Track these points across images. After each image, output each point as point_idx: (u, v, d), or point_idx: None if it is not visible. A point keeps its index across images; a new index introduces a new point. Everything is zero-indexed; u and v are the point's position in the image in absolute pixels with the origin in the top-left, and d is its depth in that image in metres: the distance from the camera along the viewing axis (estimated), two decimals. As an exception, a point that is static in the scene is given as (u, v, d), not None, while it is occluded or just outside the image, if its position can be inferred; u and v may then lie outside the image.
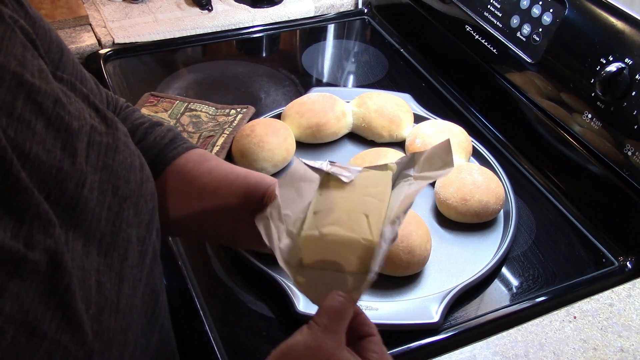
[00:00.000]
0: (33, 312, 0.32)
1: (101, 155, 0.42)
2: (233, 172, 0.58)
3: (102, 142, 0.42)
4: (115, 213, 0.41)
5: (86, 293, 0.36)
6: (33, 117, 0.37)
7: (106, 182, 0.41)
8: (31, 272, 0.33)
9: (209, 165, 0.58)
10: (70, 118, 0.40)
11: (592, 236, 0.82)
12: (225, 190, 0.56)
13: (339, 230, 0.45)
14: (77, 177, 0.38)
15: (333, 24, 1.28)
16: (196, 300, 0.68)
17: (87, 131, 0.41)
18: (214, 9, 1.22)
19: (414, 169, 0.49)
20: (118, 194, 0.42)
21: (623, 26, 0.76)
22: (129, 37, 1.12)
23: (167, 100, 0.98)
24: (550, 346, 0.64)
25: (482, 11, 0.98)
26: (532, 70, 0.90)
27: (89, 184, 0.39)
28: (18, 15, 0.42)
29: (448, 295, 0.69)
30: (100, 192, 0.40)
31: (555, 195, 0.88)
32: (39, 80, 0.39)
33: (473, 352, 0.63)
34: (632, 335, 0.65)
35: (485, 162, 0.90)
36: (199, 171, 0.57)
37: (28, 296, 0.32)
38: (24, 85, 0.38)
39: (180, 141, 0.60)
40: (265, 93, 1.05)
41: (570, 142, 0.86)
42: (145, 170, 0.47)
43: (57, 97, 0.40)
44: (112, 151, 0.43)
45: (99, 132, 0.43)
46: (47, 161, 0.37)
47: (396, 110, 0.93)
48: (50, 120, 0.38)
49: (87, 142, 0.41)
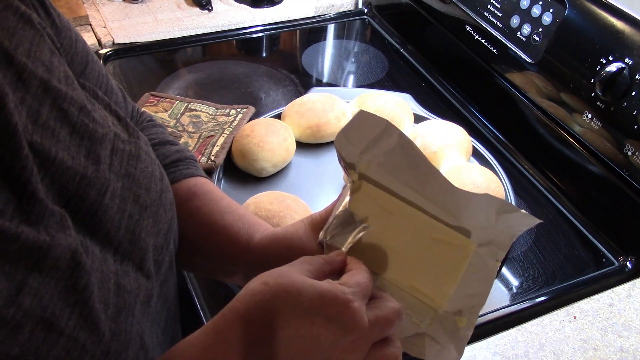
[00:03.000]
0: (52, 308, 0.32)
1: (124, 162, 0.42)
2: (212, 223, 0.52)
3: (125, 150, 0.42)
4: (135, 221, 0.41)
5: (105, 294, 0.36)
6: (58, 123, 0.37)
7: (128, 190, 0.41)
8: (51, 268, 0.33)
9: (190, 207, 0.54)
10: (94, 125, 0.40)
11: (592, 236, 0.82)
12: (207, 241, 0.53)
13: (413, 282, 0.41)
14: (99, 184, 0.39)
15: (333, 24, 1.28)
16: (196, 300, 0.68)
17: (111, 138, 0.41)
18: (214, 9, 1.22)
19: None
20: (139, 202, 0.42)
21: (623, 26, 0.76)
22: (129, 37, 1.12)
23: (167, 100, 0.98)
24: (550, 346, 0.64)
25: (482, 11, 0.98)
26: (532, 70, 0.90)
27: (110, 191, 0.39)
28: (45, 23, 0.43)
29: (448, 295, 0.69)
30: (122, 200, 0.40)
31: (555, 195, 0.88)
32: (66, 86, 0.39)
33: (473, 352, 0.63)
34: (632, 335, 0.65)
35: (485, 162, 0.90)
36: (181, 211, 0.52)
37: (47, 292, 0.32)
38: (51, 91, 0.38)
39: (183, 166, 0.57)
40: (265, 93, 1.05)
41: (570, 142, 0.86)
42: (165, 180, 0.47)
43: (82, 104, 0.40)
44: (134, 159, 0.43)
45: (122, 140, 0.42)
46: (72, 167, 0.37)
47: (396, 110, 0.93)
48: (75, 127, 0.39)
49: (111, 149, 0.41)
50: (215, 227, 0.52)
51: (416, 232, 0.42)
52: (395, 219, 0.42)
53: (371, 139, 0.41)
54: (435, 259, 0.42)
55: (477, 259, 0.42)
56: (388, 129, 0.41)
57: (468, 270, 0.42)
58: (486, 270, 0.42)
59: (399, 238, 0.42)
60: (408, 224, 0.42)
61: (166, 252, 0.45)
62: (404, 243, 0.42)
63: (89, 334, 0.33)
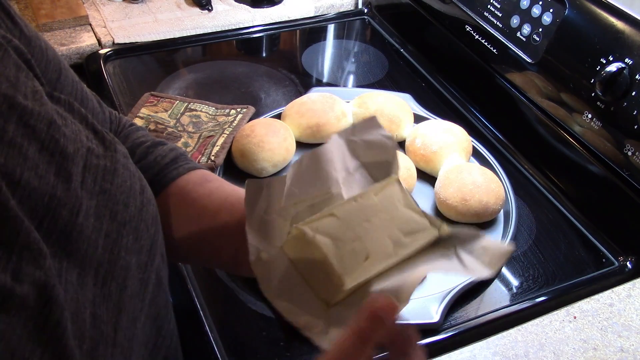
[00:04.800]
0: (20, 351, 0.30)
1: (98, 179, 0.40)
2: (234, 194, 0.54)
3: (100, 165, 0.40)
4: (113, 240, 0.39)
5: (80, 327, 0.34)
6: (25, 141, 0.36)
7: (103, 207, 0.39)
8: (19, 307, 0.30)
9: (209, 187, 0.55)
10: (65, 141, 0.38)
11: (592, 236, 0.82)
12: (225, 213, 0.53)
13: (329, 250, 0.39)
14: (71, 203, 0.37)
15: (333, 24, 1.28)
16: (196, 300, 0.68)
17: (84, 154, 0.39)
18: (214, 9, 1.22)
19: (461, 246, 0.41)
20: (117, 219, 0.40)
21: (623, 26, 0.76)
22: (129, 37, 1.12)
23: (167, 100, 0.98)
24: (550, 346, 0.64)
25: (482, 11, 0.98)
26: (532, 70, 0.90)
27: (84, 210, 0.37)
28: (12, 35, 0.41)
29: (448, 295, 0.69)
30: (97, 219, 0.38)
31: (555, 195, 0.88)
32: (32, 102, 0.38)
33: (473, 352, 0.63)
34: (632, 335, 0.65)
35: (485, 162, 0.90)
36: (198, 193, 0.54)
37: (15, 333, 0.30)
38: (16, 108, 0.36)
39: (182, 161, 0.57)
40: (265, 93, 1.05)
41: (570, 142, 0.86)
42: (147, 193, 0.45)
43: (51, 120, 0.38)
44: (110, 174, 0.41)
45: (97, 155, 0.41)
46: (39, 187, 0.35)
47: (396, 110, 0.93)
48: (43, 144, 0.37)
49: (83, 165, 0.39)
50: (241, 194, 0.53)
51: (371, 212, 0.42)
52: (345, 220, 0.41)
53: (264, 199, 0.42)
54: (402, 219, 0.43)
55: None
56: (270, 184, 0.42)
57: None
58: None
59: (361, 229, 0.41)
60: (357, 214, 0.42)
61: (151, 269, 0.43)
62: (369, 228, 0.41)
63: None
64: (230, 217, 0.52)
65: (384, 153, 0.45)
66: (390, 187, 0.44)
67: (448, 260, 0.40)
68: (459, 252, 0.41)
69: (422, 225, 0.43)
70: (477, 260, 0.40)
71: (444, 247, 0.42)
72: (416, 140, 0.89)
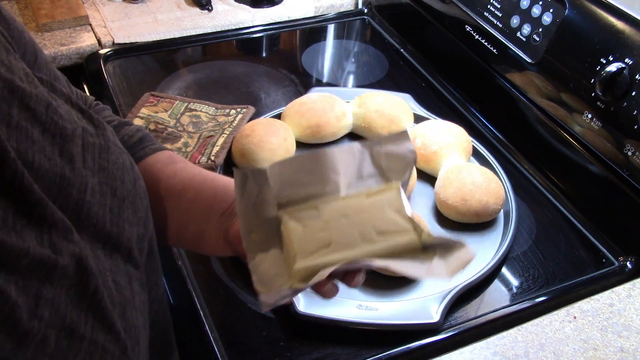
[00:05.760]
0: (70, 316, 0.33)
1: (96, 157, 0.41)
2: (200, 175, 0.56)
3: (96, 144, 0.42)
4: (117, 214, 0.41)
5: (109, 293, 0.37)
6: (29, 124, 0.37)
7: (104, 184, 0.41)
8: (61, 277, 0.33)
9: (175, 168, 0.56)
10: (63, 122, 0.40)
11: (592, 236, 0.82)
12: (191, 193, 0.54)
13: (295, 234, 0.43)
14: (78, 182, 0.38)
15: (333, 24, 1.28)
16: (196, 300, 0.68)
17: (80, 134, 0.41)
18: (214, 9, 1.22)
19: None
20: (117, 195, 0.42)
21: (623, 26, 0.76)
22: (129, 37, 1.12)
23: (167, 100, 0.98)
24: (550, 346, 0.64)
25: (482, 11, 0.98)
26: (532, 70, 0.90)
27: (90, 188, 0.39)
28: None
29: (448, 295, 0.69)
30: (101, 195, 0.40)
31: (555, 195, 0.88)
32: (28, 84, 0.39)
33: (473, 352, 0.63)
34: (632, 335, 0.65)
35: (485, 162, 0.90)
36: (165, 173, 0.56)
37: (62, 301, 0.32)
38: (16, 91, 0.37)
39: (149, 142, 0.58)
40: (265, 93, 1.05)
41: (570, 142, 0.86)
42: (135, 169, 0.47)
43: (48, 101, 0.39)
44: (105, 152, 0.42)
45: (90, 134, 0.42)
46: (50, 169, 0.37)
47: (396, 110, 0.93)
48: (45, 126, 0.38)
49: (82, 145, 0.40)
50: (207, 175, 0.56)
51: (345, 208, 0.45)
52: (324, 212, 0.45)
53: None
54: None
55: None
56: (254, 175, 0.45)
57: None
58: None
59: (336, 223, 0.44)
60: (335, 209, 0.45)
61: (146, 238, 0.46)
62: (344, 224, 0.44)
63: (106, 334, 0.34)
64: (196, 197, 0.54)
65: (402, 164, 0.47)
66: (388, 193, 0.46)
67: (418, 262, 0.42)
68: (435, 259, 0.42)
69: (401, 228, 0.44)
70: (444, 265, 0.42)
71: (425, 254, 0.43)
72: (416, 140, 0.89)
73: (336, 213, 0.45)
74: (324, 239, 0.43)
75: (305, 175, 0.45)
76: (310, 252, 0.43)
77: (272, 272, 0.44)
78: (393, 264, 0.42)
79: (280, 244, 0.45)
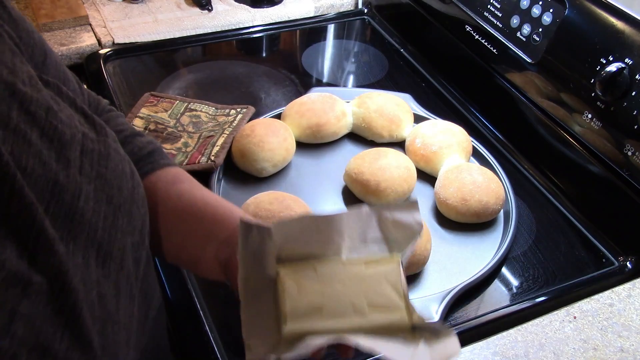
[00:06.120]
0: (44, 333, 0.32)
1: (94, 163, 0.41)
2: (203, 200, 0.55)
3: (95, 150, 0.42)
4: (111, 222, 0.41)
5: (90, 308, 0.36)
6: (28, 128, 0.36)
7: (100, 191, 0.40)
8: (38, 293, 0.32)
9: (180, 188, 0.56)
10: (62, 126, 0.39)
11: (592, 236, 0.82)
12: (191, 218, 0.54)
13: (289, 293, 0.44)
14: (72, 188, 0.38)
15: (333, 24, 1.28)
16: (196, 300, 0.68)
17: (80, 139, 0.40)
18: (214, 9, 1.22)
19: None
20: (112, 203, 0.41)
21: (623, 26, 0.76)
22: (129, 37, 1.12)
23: (167, 100, 0.98)
24: (550, 346, 0.64)
25: (482, 11, 0.98)
26: (532, 70, 0.90)
27: (84, 194, 0.39)
28: (2, 20, 0.41)
29: (448, 295, 0.69)
30: (96, 202, 0.40)
31: (555, 195, 0.88)
32: (30, 88, 0.38)
33: (473, 352, 0.63)
34: (632, 335, 0.65)
35: (485, 162, 0.90)
36: (168, 193, 0.55)
37: (38, 317, 0.32)
38: (17, 94, 0.37)
39: (158, 156, 0.58)
40: (265, 93, 1.05)
41: (570, 142, 0.86)
42: (136, 176, 0.46)
43: (48, 105, 0.39)
44: (104, 159, 0.42)
45: (91, 139, 0.42)
46: (43, 174, 0.36)
47: (396, 110, 0.93)
48: (43, 130, 0.38)
49: (81, 150, 0.40)
50: (209, 200, 0.55)
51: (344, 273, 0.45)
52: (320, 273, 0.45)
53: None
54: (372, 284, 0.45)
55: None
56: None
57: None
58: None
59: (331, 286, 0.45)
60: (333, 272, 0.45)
61: (143, 248, 0.45)
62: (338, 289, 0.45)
63: (81, 354, 0.34)
64: (195, 222, 0.54)
65: (407, 234, 0.47)
66: (387, 265, 0.46)
67: (403, 345, 0.42)
68: (421, 343, 0.42)
69: (393, 305, 0.45)
70: (429, 353, 0.42)
71: (412, 336, 0.44)
72: (416, 140, 0.89)
73: (333, 278, 0.45)
74: (316, 303, 0.43)
75: (310, 235, 0.45)
76: (301, 314, 0.43)
77: (262, 324, 0.44)
78: (378, 346, 0.41)
79: (275, 297, 0.45)
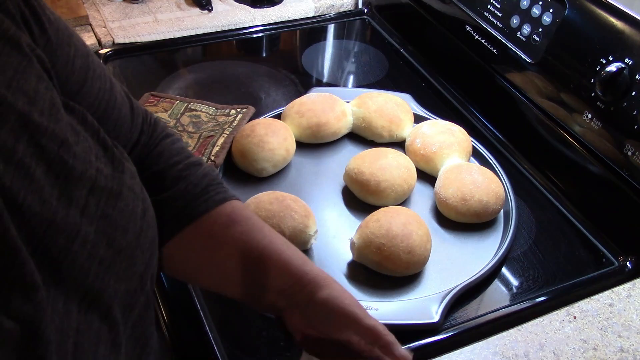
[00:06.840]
0: None
1: (101, 203, 0.39)
2: (258, 248, 0.52)
3: (106, 188, 0.40)
4: (106, 267, 0.39)
5: (62, 358, 0.34)
6: (33, 161, 0.35)
7: (101, 233, 0.38)
8: (6, 340, 0.31)
9: (235, 232, 0.53)
10: (74, 161, 0.38)
11: (592, 236, 0.82)
12: (250, 266, 0.52)
13: None
14: (68, 230, 0.36)
15: (333, 24, 1.28)
16: (196, 300, 0.68)
17: (92, 175, 0.39)
18: (214, 9, 1.22)
19: None
20: (113, 246, 0.39)
21: (623, 26, 0.76)
22: (129, 37, 1.12)
23: (167, 100, 0.98)
24: (550, 346, 0.64)
25: (482, 11, 0.98)
26: (532, 70, 0.90)
27: (81, 237, 0.37)
28: (37, 43, 0.40)
29: (448, 295, 0.69)
30: (93, 246, 0.38)
31: (555, 195, 0.88)
32: (48, 118, 0.37)
33: (473, 352, 0.63)
34: (632, 335, 0.65)
35: (485, 162, 0.90)
36: (224, 238, 0.52)
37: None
38: (29, 126, 0.35)
39: (213, 191, 0.54)
40: (265, 93, 1.05)
41: (570, 142, 0.86)
42: (147, 217, 0.44)
43: (63, 138, 0.37)
44: (113, 198, 0.40)
45: (105, 176, 0.40)
46: (39, 213, 0.35)
47: (396, 110, 0.93)
48: (51, 165, 0.36)
49: (90, 188, 0.38)
50: (266, 250, 0.52)
51: None
52: None
53: None
54: None
55: None
56: None
57: None
58: None
59: None
60: None
61: (141, 293, 0.43)
62: None
63: None
64: (257, 274, 0.52)
65: None
66: None
67: None
68: None
69: None
70: None
71: None
72: (416, 140, 0.89)
73: None
74: None
75: None
76: None
77: None
78: None
79: None
